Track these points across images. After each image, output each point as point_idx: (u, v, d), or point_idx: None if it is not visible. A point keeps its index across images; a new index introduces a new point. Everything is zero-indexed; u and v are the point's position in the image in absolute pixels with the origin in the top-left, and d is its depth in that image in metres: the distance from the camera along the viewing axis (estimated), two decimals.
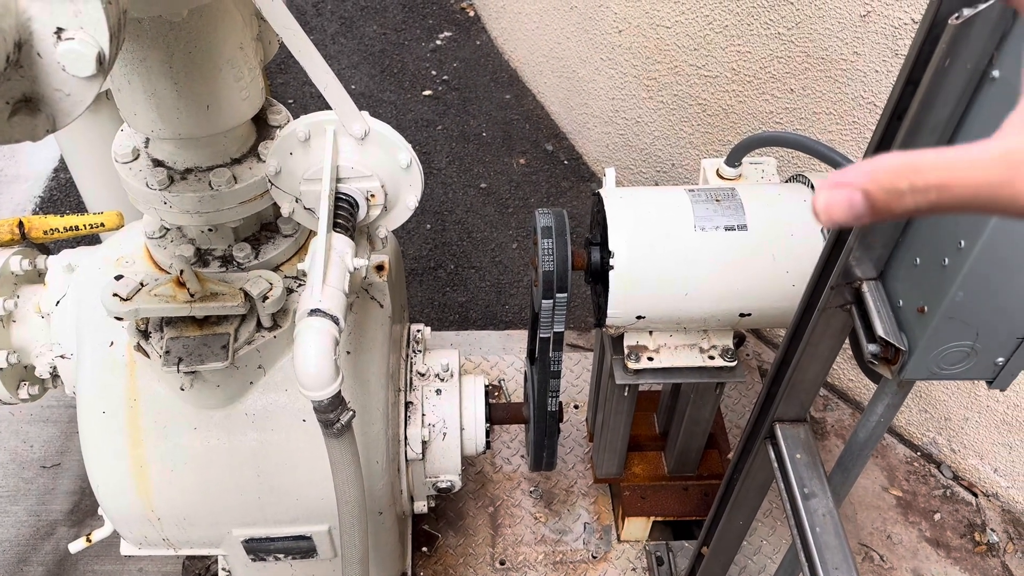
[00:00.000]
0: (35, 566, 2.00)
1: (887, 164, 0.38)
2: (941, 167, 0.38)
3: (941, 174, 0.37)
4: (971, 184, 0.37)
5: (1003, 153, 0.37)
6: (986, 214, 0.38)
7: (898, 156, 0.38)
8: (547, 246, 1.43)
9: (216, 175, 1.20)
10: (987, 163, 0.37)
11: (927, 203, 0.38)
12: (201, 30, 1.06)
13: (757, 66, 2.19)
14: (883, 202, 0.38)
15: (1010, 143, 0.37)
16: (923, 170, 0.38)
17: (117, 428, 1.34)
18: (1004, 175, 0.36)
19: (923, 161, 0.38)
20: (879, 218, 0.39)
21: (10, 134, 0.68)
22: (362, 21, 3.73)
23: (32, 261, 1.49)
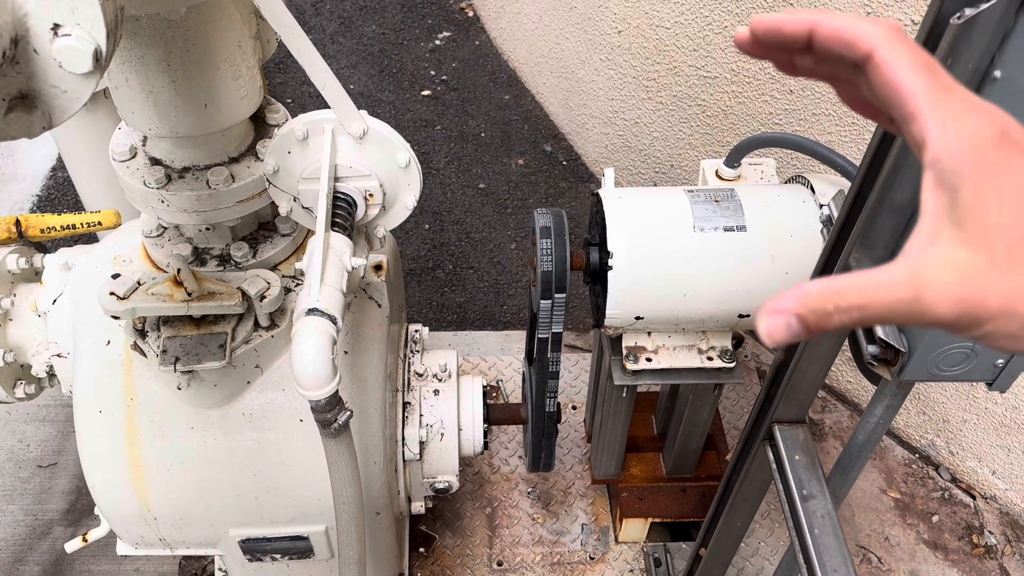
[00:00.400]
0: (31, 565, 1.99)
1: (814, 290, 0.44)
2: (859, 290, 0.44)
3: (860, 296, 0.43)
4: (886, 302, 0.43)
5: (908, 275, 0.43)
6: (903, 324, 0.46)
7: (822, 282, 0.44)
8: (546, 246, 1.42)
9: (214, 174, 1.20)
10: (896, 284, 0.43)
11: (851, 320, 0.44)
12: (199, 28, 1.06)
13: (756, 67, 2.19)
14: (814, 323, 0.44)
15: (912, 266, 0.43)
16: (845, 293, 0.44)
17: (114, 427, 1.33)
18: (911, 293, 0.43)
19: (844, 285, 0.44)
20: (814, 334, 0.45)
21: (6, 131, 0.68)
22: (361, 21, 3.73)
23: (29, 259, 1.48)
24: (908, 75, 0.46)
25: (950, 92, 0.45)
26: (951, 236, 0.43)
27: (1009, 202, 0.42)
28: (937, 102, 0.45)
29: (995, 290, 0.42)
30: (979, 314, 0.42)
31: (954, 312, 0.42)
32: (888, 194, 0.94)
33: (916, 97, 0.45)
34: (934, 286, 0.42)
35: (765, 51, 0.53)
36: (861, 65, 0.48)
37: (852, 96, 0.53)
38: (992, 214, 0.42)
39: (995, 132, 0.43)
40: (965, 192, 0.43)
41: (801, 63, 0.53)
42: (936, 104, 0.44)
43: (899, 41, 0.47)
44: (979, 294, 0.42)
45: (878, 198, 0.94)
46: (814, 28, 0.49)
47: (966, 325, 0.43)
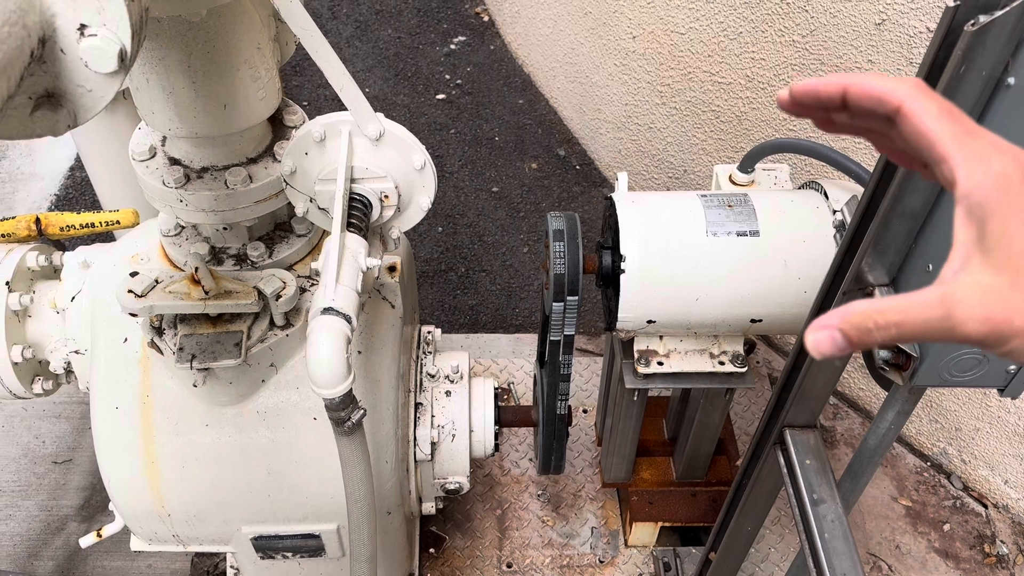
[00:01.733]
0: (45, 560, 2.01)
1: (857, 308, 0.50)
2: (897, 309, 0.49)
3: (897, 315, 0.49)
4: (920, 320, 0.48)
5: (940, 296, 0.48)
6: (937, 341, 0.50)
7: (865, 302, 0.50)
8: (559, 249, 1.43)
9: (232, 174, 1.21)
10: (930, 305, 0.48)
11: (890, 336, 0.49)
12: (220, 30, 1.07)
13: (771, 73, 2.19)
14: (856, 338, 0.50)
15: (944, 289, 0.48)
16: (884, 312, 0.49)
17: (130, 424, 1.35)
18: (943, 312, 0.47)
19: (884, 305, 0.49)
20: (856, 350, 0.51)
21: (32, 129, 0.69)
22: (377, 25, 3.75)
23: (48, 257, 1.50)
24: (934, 123, 0.51)
25: (974, 135, 0.50)
26: (980, 263, 0.48)
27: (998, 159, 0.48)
28: (963, 144, 0.50)
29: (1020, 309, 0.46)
30: (1005, 331, 0.46)
31: (982, 330, 0.47)
32: (901, 200, 0.94)
33: (943, 141, 0.50)
34: (964, 306, 0.47)
35: (805, 110, 0.59)
36: (892, 118, 0.53)
37: (888, 147, 0.59)
38: (1017, 242, 0.47)
39: (1019, 169, 0.48)
40: (992, 223, 0.47)
41: (838, 120, 0.58)
42: (962, 146, 0.50)
43: (924, 93, 0.52)
44: (1005, 313, 0.46)
45: (891, 204, 0.95)
46: (847, 88, 0.55)
47: (994, 342, 0.47)
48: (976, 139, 0.50)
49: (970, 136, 0.50)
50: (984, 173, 0.48)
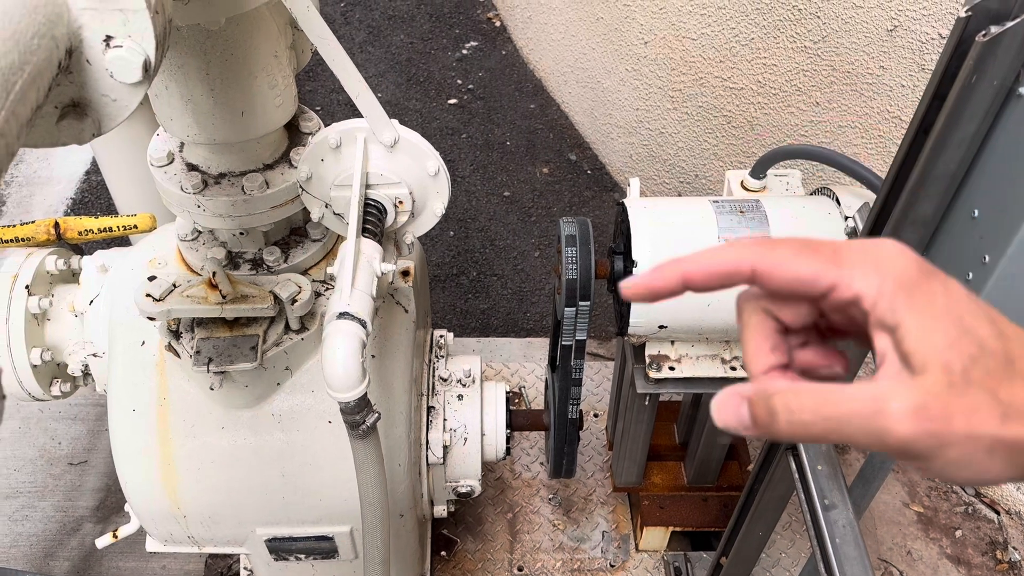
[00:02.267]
0: (61, 560, 2.03)
1: (776, 387, 0.46)
2: (822, 398, 0.45)
3: (821, 403, 0.45)
4: (846, 413, 0.44)
5: (871, 392, 0.44)
6: (859, 443, 0.45)
7: (787, 382, 0.47)
8: (571, 255, 1.44)
9: (249, 180, 1.23)
10: (858, 399, 0.44)
11: (803, 425, 0.45)
12: (238, 38, 1.09)
13: (783, 79, 2.20)
14: (764, 419, 0.46)
15: (877, 386, 0.44)
16: (801, 395, 0.45)
17: (146, 426, 1.36)
18: (874, 408, 0.43)
19: (807, 388, 0.45)
20: (760, 434, 0.47)
21: (58, 137, 0.71)
22: (389, 30, 3.77)
23: (67, 261, 1.52)
24: (801, 262, 0.47)
25: (845, 251, 0.47)
26: (908, 367, 0.44)
27: (946, 324, 0.44)
28: (842, 264, 0.47)
29: (958, 410, 0.42)
30: (942, 433, 0.42)
31: (915, 431, 0.42)
32: (913, 207, 0.95)
33: (823, 271, 0.47)
34: (897, 402, 0.43)
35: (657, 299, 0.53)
36: (753, 282, 0.49)
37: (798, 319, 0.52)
38: (937, 338, 0.44)
39: (912, 265, 0.46)
40: (907, 325, 0.44)
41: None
42: (844, 265, 0.47)
43: (768, 245, 0.49)
44: (942, 413, 0.42)
45: (903, 211, 0.95)
46: (687, 277, 0.50)
47: (927, 449, 0.43)
48: (850, 253, 0.47)
49: (844, 254, 0.47)
50: (880, 279, 0.45)
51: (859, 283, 0.46)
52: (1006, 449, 0.43)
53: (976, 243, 0.90)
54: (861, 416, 0.44)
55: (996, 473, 0.44)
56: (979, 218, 0.90)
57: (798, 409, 0.45)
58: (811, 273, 0.47)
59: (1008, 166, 0.85)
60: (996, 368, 0.44)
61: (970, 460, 0.43)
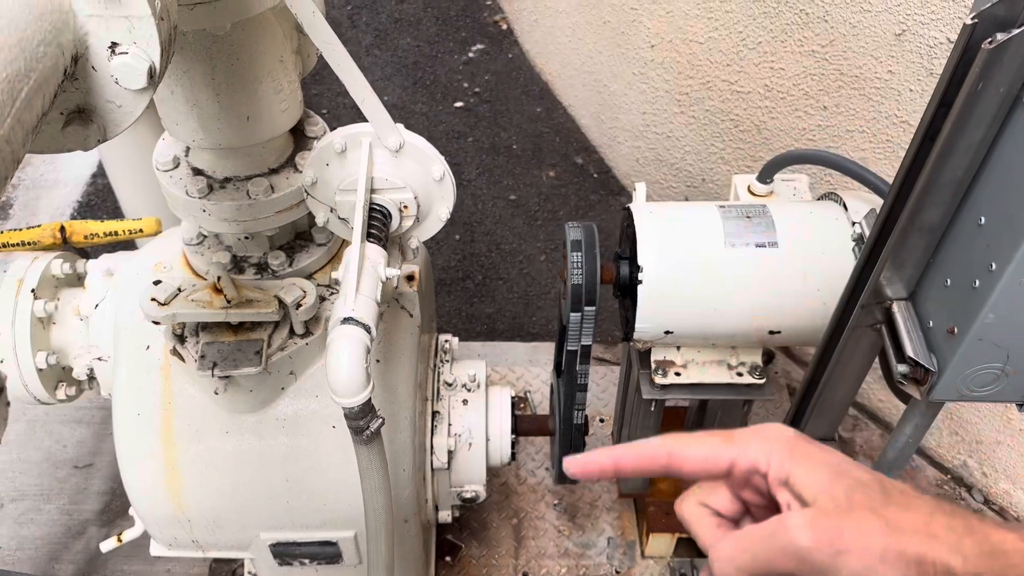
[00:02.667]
0: (66, 564, 2.03)
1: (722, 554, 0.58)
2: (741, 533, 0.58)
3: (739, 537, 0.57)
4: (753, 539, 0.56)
5: (773, 522, 0.55)
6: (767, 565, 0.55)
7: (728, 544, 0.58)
8: (576, 259, 1.44)
9: (254, 184, 1.23)
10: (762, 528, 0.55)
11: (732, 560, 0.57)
12: (243, 43, 1.09)
13: (790, 83, 2.19)
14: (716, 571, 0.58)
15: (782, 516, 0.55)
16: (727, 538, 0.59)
17: (151, 430, 1.36)
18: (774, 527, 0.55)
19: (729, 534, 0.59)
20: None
21: (63, 143, 0.71)
22: (396, 33, 3.78)
23: (73, 265, 1.52)
24: (702, 447, 0.60)
25: (737, 434, 0.60)
26: (803, 504, 0.54)
27: (826, 469, 0.55)
28: (735, 444, 0.59)
29: (847, 523, 0.51)
30: (837, 542, 0.51)
31: (813, 540, 0.51)
32: (920, 213, 0.94)
33: (720, 452, 0.59)
34: (794, 519, 0.53)
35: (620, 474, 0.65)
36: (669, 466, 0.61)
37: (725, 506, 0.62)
38: (820, 478, 0.54)
39: (791, 434, 0.58)
40: (795, 474, 0.55)
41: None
42: (739, 443, 0.59)
43: (680, 438, 0.62)
44: (834, 524, 0.52)
45: (909, 217, 0.95)
46: (618, 464, 0.62)
47: (827, 558, 0.51)
48: (742, 434, 0.59)
49: (736, 435, 0.59)
50: (770, 447, 0.57)
51: (752, 453, 0.57)
52: (896, 556, 0.50)
53: (982, 250, 0.89)
54: (769, 537, 0.54)
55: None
56: (986, 225, 0.90)
57: (726, 552, 0.56)
58: (713, 455, 0.59)
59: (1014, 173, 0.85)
60: (874, 495, 0.53)
61: (869, 570, 0.50)
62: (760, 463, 0.57)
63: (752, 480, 0.58)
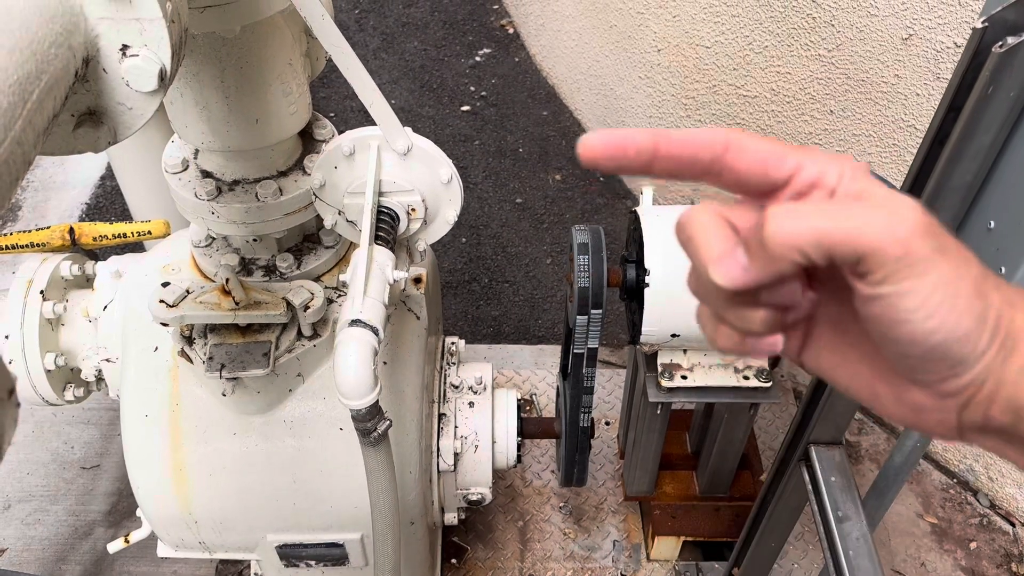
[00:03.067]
0: (73, 565, 2.04)
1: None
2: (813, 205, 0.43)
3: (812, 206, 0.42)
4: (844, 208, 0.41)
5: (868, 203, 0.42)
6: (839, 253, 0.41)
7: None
8: (583, 262, 1.44)
9: (263, 187, 1.23)
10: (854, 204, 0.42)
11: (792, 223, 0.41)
12: (252, 46, 1.09)
13: (797, 87, 2.19)
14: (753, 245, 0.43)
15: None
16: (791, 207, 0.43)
17: (159, 431, 1.37)
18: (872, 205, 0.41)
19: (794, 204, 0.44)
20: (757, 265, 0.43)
21: (74, 145, 0.72)
22: (403, 37, 3.79)
23: (81, 267, 1.53)
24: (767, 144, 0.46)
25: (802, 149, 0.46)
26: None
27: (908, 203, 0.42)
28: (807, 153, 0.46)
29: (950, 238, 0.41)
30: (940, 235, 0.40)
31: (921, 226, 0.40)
32: None
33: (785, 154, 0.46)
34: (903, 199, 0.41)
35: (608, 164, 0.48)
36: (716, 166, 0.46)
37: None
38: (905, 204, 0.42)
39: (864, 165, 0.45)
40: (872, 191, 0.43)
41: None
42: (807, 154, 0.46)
43: (740, 134, 0.47)
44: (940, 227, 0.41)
45: None
46: (657, 144, 0.46)
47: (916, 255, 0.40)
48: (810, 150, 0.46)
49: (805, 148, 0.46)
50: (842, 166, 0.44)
51: (822, 163, 0.45)
52: (987, 295, 0.41)
53: (992, 254, 0.89)
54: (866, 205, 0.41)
55: (968, 326, 0.41)
56: (995, 229, 0.89)
57: (795, 210, 0.42)
58: (778, 153, 0.46)
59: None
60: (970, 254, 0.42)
61: (956, 290, 0.40)
62: (829, 173, 0.44)
63: (808, 197, 0.45)
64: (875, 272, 0.40)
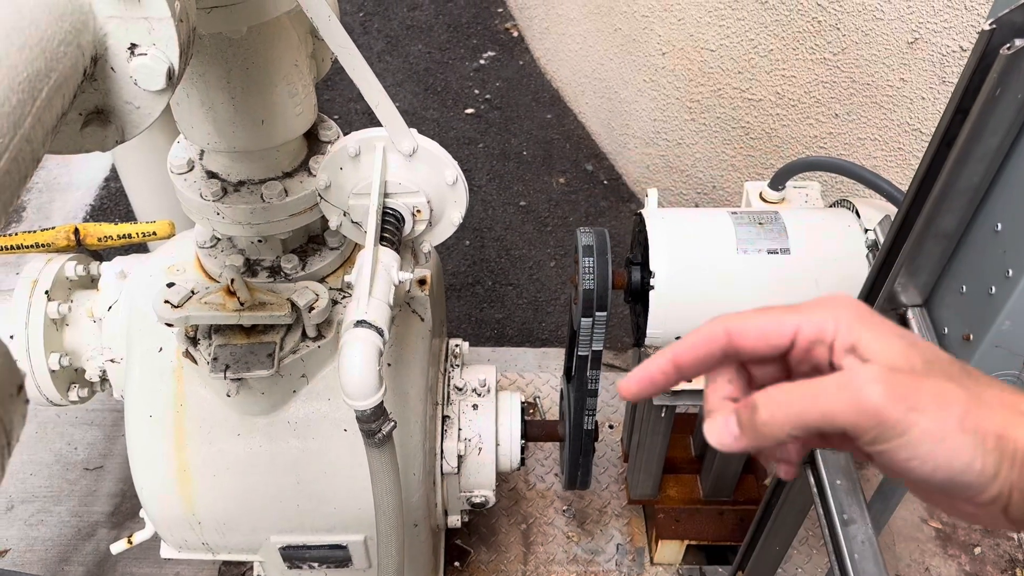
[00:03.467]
0: (76, 566, 2.04)
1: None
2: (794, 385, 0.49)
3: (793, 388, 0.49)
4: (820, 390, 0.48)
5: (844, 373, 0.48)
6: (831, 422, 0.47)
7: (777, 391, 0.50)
8: (588, 265, 1.44)
9: (268, 188, 1.23)
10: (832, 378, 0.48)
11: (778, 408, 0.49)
12: (259, 47, 1.09)
13: (802, 91, 2.19)
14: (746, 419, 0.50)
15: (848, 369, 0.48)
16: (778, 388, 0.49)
17: (163, 432, 1.37)
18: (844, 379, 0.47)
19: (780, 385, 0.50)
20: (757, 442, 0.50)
21: (81, 144, 0.72)
22: (408, 40, 3.79)
23: (86, 267, 1.53)
24: (764, 318, 0.53)
25: (803, 304, 0.53)
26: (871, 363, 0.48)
27: (899, 340, 0.49)
28: (800, 312, 0.52)
29: (925, 383, 0.46)
30: (911, 397, 0.45)
31: (885, 394, 0.45)
32: (935, 220, 0.94)
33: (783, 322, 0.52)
34: (867, 371, 0.47)
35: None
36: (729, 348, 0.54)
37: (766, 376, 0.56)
38: (894, 347, 0.48)
39: (861, 305, 0.52)
40: (864, 339, 0.49)
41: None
42: (801, 312, 0.52)
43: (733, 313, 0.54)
44: (911, 380, 0.46)
45: (925, 223, 0.94)
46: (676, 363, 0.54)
47: (895, 417, 0.45)
48: (807, 304, 0.53)
49: (801, 305, 0.53)
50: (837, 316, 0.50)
51: (818, 319, 0.51)
52: (976, 426, 0.44)
53: (999, 257, 0.89)
54: (835, 389, 0.47)
55: (965, 460, 0.45)
56: (1002, 231, 0.89)
57: (774, 399, 0.48)
58: (775, 323, 0.52)
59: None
60: (954, 368, 0.47)
61: (940, 435, 0.44)
62: (826, 329, 0.50)
63: (813, 353, 0.51)
64: (862, 437, 0.46)
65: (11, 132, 0.52)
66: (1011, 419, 0.45)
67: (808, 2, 2.05)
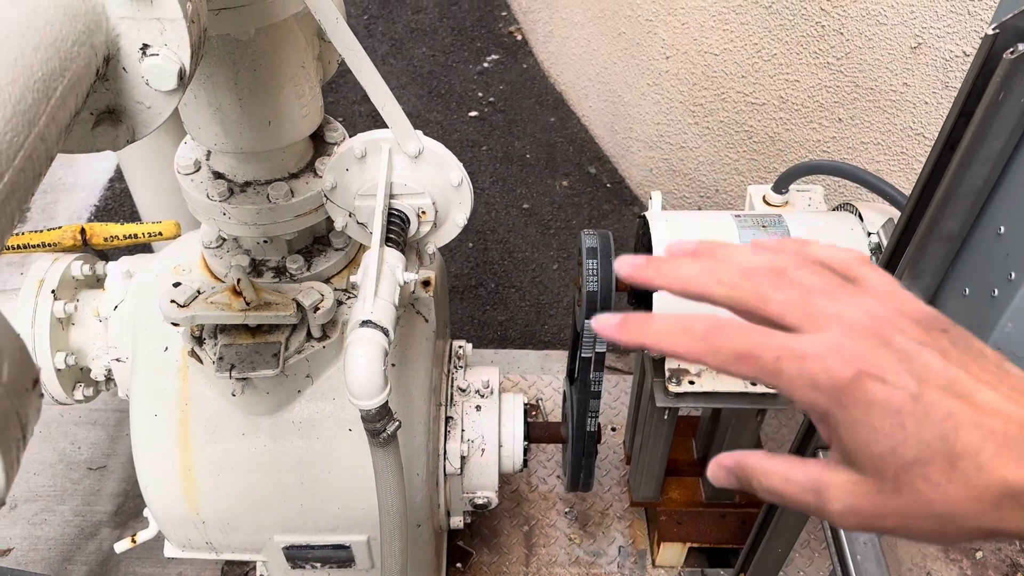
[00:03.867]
0: (79, 565, 2.04)
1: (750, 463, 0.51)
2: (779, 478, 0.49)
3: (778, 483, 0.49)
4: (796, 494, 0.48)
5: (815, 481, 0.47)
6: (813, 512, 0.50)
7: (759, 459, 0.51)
8: (592, 266, 1.44)
9: (274, 189, 1.24)
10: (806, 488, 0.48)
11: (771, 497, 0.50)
12: (266, 49, 1.10)
13: (805, 95, 2.20)
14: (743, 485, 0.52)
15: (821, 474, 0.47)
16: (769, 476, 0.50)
17: (168, 431, 1.37)
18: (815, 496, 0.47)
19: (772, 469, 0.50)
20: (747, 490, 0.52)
21: (93, 143, 0.72)
22: (412, 43, 3.80)
23: (92, 267, 1.54)
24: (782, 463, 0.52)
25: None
26: (846, 464, 0.46)
27: (882, 434, 0.43)
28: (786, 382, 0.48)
29: (888, 512, 0.45)
30: (875, 526, 0.46)
31: (853, 524, 0.47)
32: (939, 223, 0.94)
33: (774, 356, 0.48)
34: (833, 493, 0.46)
35: None
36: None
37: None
38: (872, 447, 0.43)
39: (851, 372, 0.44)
40: (841, 431, 0.45)
41: None
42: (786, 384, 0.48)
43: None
44: (873, 512, 0.45)
45: (928, 226, 0.95)
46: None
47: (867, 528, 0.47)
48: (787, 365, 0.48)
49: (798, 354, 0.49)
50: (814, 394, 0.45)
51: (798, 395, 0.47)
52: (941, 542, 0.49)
53: (1002, 260, 0.89)
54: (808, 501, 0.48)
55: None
56: (1005, 234, 0.90)
57: (768, 488, 0.50)
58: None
59: None
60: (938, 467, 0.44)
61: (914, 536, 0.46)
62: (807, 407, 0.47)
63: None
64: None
65: (26, 130, 0.53)
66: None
67: (812, 7, 2.06)
